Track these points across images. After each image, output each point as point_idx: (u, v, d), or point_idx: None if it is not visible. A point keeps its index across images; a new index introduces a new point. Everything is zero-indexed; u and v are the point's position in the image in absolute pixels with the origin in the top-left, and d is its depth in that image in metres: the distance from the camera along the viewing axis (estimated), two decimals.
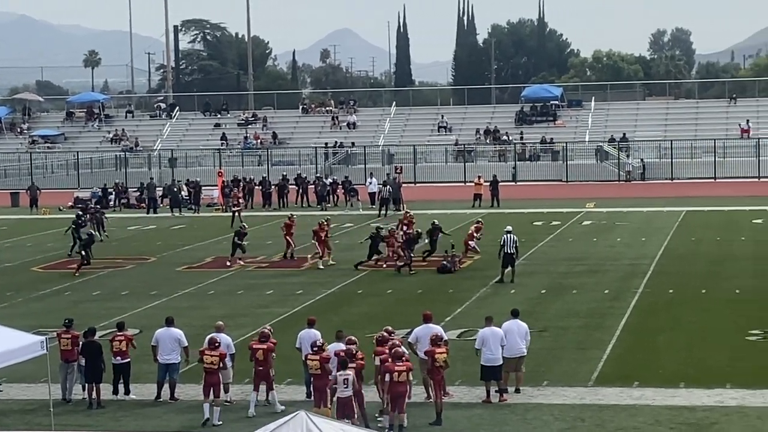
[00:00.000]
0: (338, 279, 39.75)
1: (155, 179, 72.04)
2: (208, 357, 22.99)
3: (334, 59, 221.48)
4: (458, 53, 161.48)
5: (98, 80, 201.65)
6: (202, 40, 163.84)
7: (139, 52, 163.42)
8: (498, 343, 23.74)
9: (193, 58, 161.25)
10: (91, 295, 37.76)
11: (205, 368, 23.04)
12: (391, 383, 21.49)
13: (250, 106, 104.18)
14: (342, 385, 21.24)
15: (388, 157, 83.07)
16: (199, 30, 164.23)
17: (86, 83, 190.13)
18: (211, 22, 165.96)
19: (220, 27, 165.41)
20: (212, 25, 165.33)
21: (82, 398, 24.40)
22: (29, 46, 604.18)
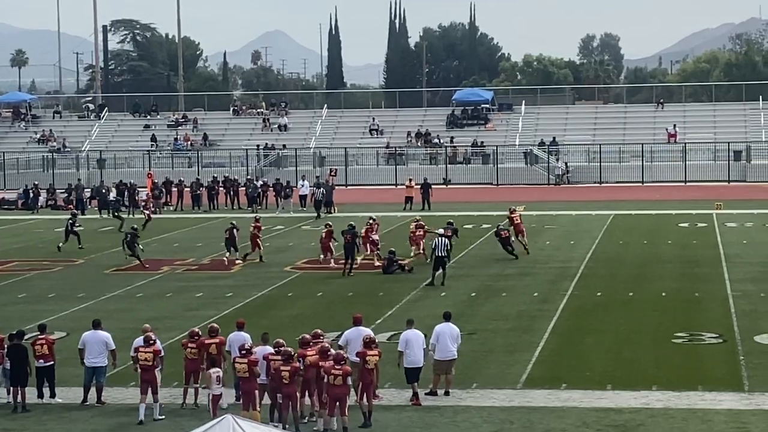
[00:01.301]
0: (268, 281, 39.62)
1: (83, 180, 71.40)
2: (142, 354, 23.08)
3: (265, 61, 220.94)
4: (390, 56, 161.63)
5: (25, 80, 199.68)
6: (131, 40, 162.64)
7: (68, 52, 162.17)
8: (420, 346, 23.88)
9: (123, 58, 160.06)
10: (16, 298, 37.34)
11: (140, 366, 23.05)
12: (329, 386, 21.52)
13: (181, 107, 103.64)
14: (215, 383, 22.03)
15: (319, 160, 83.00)
16: (128, 30, 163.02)
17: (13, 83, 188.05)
18: (141, 23, 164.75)
19: (150, 27, 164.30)
20: (142, 25, 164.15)
21: (7, 402, 24.10)
22: None
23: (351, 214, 53.15)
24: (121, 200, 64.94)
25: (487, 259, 43.87)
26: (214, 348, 23.69)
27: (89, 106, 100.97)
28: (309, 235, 51.94)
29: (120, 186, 66.41)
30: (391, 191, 71.97)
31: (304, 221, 57.28)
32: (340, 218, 56.57)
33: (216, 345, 23.79)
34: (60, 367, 24.87)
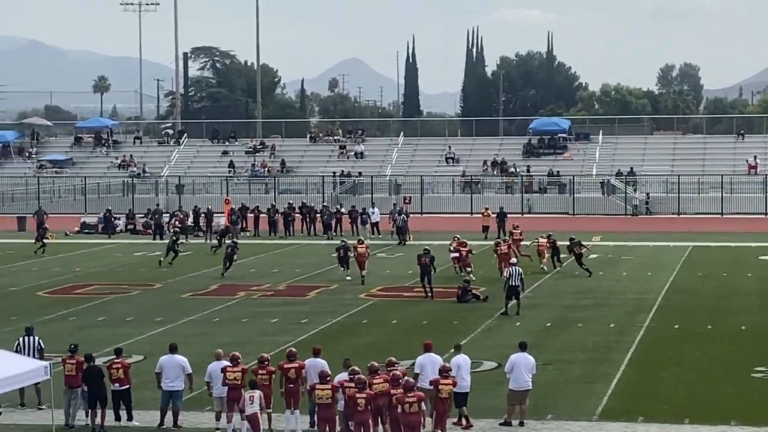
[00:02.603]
0: (344, 308, 39.73)
1: (162, 206, 72.06)
2: (231, 373, 23.56)
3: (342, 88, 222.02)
4: (467, 84, 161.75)
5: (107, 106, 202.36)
6: (211, 67, 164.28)
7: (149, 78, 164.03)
8: (468, 371, 24.37)
9: (202, 85, 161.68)
10: (96, 321, 37.75)
11: (228, 384, 23.44)
12: (403, 413, 21.52)
13: (258, 134, 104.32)
14: (248, 401, 22.45)
15: (395, 187, 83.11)
16: (208, 57, 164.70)
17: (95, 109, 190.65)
18: (220, 50, 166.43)
19: (229, 55, 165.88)
20: (222, 52, 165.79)
21: (85, 424, 24.37)
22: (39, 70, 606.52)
23: (425, 242, 53.12)
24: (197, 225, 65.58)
25: (563, 290, 43.66)
26: (293, 372, 23.84)
27: (169, 132, 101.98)
28: (384, 263, 51.98)
29: (197, 211, 66.99)
30: (466, 220, 71.85)
31: (378, 249, 57.34)
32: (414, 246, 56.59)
33: (295, 369, 23.96)
34: (137, 390, 25.09)
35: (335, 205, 71.76)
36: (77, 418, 24.52)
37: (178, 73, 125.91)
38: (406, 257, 54.49)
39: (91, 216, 71.86)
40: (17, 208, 79.55)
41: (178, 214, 64.15)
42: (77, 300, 42.20)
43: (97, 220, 69.75)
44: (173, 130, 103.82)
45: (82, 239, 65.28)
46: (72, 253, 58.14)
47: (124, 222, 69.57)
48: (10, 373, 21.87)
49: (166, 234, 64.78)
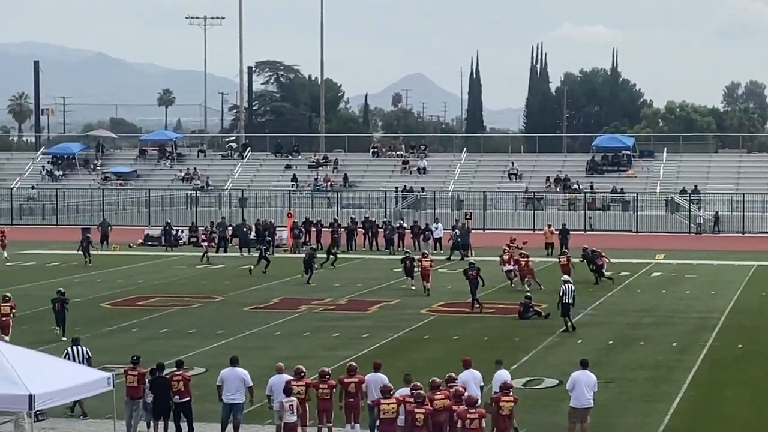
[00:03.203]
0: (404, 323, 39.72)
1: (225, 219, 72.44)
2: (296, 387, 23.68)
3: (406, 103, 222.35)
4: (530, 101, 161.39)
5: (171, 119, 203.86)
6: (275, 81, 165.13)
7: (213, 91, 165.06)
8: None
9: (266, 99, 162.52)
10: (158, 333, 38.00)
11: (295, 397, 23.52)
12: (465, 430, 21.47)
13: (322, 148, 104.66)
14: (288, 411, 22.73)
15: (457, 203, 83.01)
16: (272, 71, 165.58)
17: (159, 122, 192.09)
18: (284, 64, 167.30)
19: (293, 69, 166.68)
20: (286, 66, 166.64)
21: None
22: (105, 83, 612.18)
23: (488, 258, 53.03)
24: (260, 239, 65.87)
25: (626, 307, 43.38)
26: (354, 386, 23.85)
27: (233, 146, 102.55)
28: (446, 278, 51.90)
29: (259, 225, 67.30)
30: (529, 236, 71.54)
31: (440, 264, 57.26)
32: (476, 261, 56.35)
33: (355, 384, 23.99)
34: (198, 402, 25.21)
35: (397, 220, 71.80)
36: (138, 429, 24.68)
37: (242, 86, 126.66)
38: None
39: (155, 228, 72.37)
40: (82, 219, 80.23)
41: (207, 228, 64.35)
42: (140, 312, 42.51)
43: (160, 232, 70.24)
44: (237, 143, 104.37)
45: (146, 251, 65.77)
46: (135, 265, 58.58)
47: (187, 235, 69.99)
48: (74, 384, 22.07)
49: (229, 247, 65.21)
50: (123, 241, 67.17)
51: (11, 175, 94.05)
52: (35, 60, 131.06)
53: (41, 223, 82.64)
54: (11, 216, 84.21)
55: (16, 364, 21.44)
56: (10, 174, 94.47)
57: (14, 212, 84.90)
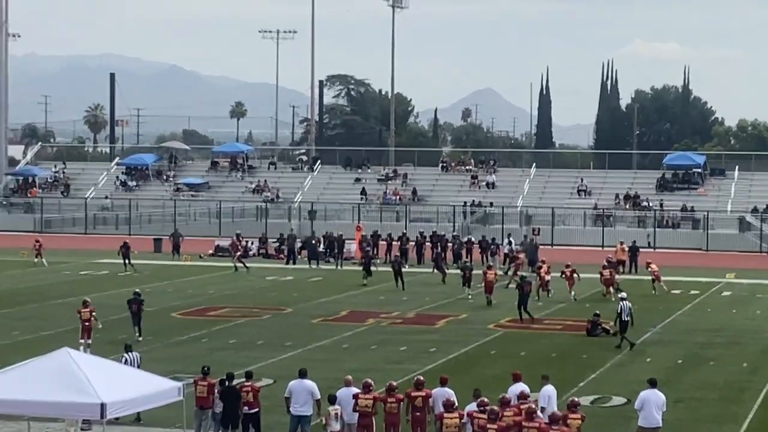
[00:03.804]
0: (472, 338, 39.74)
1: (294, 231, 72.84)
2: (362, 400, 23.75)
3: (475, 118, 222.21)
4: (600, 117, 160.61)
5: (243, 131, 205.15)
6: (346, 95, 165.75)
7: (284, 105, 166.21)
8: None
9: (337, 112, 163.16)
10: (227, 343, 38.30)
11: (360, 411, 23.64)
12: None
13: (391, 162, 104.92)
14: (333, 420, 23.29)
15: (526, 219, 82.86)
16: (343, 85, 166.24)
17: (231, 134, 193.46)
18: (355, 78, 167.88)
19: (364, 83, 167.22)
20: (357, 80, 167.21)
21: None
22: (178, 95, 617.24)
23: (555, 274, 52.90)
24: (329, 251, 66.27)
25: (696, 327, 43.10)
26: (420, 401, 23.93)
27: (303, 158, 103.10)
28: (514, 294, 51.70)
29: (327, 237, 67.64)
30: (597, 253, 71.23)
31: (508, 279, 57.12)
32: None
33: (423, 398, 24.05)
34: (266, 414, 25.40)
35: (466, 234, 71.80)
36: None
37: (313, 100, 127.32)
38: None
39: (225, 239, 72.87)
40: (154, 229, 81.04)
41: (236, 240, 65.10)
42: (210, 322, 42.89)
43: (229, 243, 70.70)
44: (307, 156, 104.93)
45: (216, 262, 66.30)
46: (205, 276, 59.09)
47: (257, 246, 70.47)
48: (145, 393, 22.37)
49: (297, 259, 65.58)
50: (194, 252, 67.75)
51: (86, 185, 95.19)
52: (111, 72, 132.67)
53: (114, 233, 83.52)
54: (85, 225, 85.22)
55: (88, 372, 21.76)
56: (85, 184, 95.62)
57: (88, 222, 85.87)
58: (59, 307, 46.49)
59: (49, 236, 78.38)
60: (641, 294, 51.13)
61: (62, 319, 42.77)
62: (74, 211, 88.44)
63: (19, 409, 22.33)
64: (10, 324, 41.72)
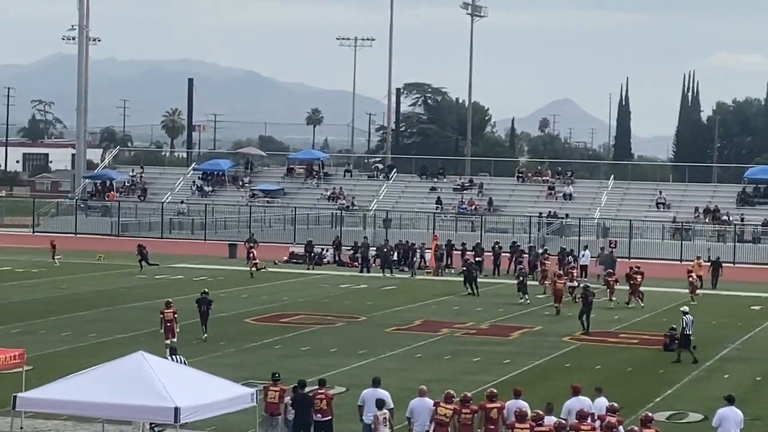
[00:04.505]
0: (546, 351, 39.45)
1: (369, 239, 72.78)
2: (442, 409, 23.68)
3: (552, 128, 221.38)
4: (680, 129, 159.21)
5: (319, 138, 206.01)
6: (422, 103, 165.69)
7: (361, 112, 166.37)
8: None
9: (413, 120, 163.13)
10: (300, 350, 38.31)
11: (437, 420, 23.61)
12: None
13: (467, 171, 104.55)
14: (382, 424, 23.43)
15: (603, 231, 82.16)
16: (420, 93, 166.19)
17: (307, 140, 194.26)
18: (432, 87, 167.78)
19: (441, 92, 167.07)
20: (434, 89, 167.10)
21: None
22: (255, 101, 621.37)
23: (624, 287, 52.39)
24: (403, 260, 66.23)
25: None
26: (495, 412, 23.76)
27: (378, 167, 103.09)
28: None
29: (401, 246, 67.57)
30: (675, 267, 70.52)
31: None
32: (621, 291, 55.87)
33: (497, 409, 23.92)
34: (339, 422, 25.32)
35: (541, 246, 71.36)
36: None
37: (390, 108, 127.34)
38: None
39: (299, 246, 73.07)
40: (229, 235, 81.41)
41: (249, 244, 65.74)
42: (283, 329, 42.94)
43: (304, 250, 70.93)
44: (383, 164, 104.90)
45: (290, 269, 66.45)
46: (280, 282, 59.24)
47: (332, 254, 70.54)
48: (219, 398, 22.40)
49: (371, 268, 65.55)
50: (268, 258, 67.96)
51: (162, 190, 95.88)
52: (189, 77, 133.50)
53: (190, 238, 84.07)
54: (161, 230, 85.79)
55: (162, 376, 21.85)
56: (161, 188, 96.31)
57: (164, 226, 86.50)
58: (135, 310, 46.85)
59: (125, 240, 79.12)
60: (720, 309, 50.51)
61: (138, 322, 43.13)
62: (150, 216, 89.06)
63: (93, 411, 22.49)
64: (86, 326, 42.06)
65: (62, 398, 22.09)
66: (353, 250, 70.04)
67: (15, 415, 22.86)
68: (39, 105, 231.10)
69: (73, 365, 30.03)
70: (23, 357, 26.30)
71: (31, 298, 50.52)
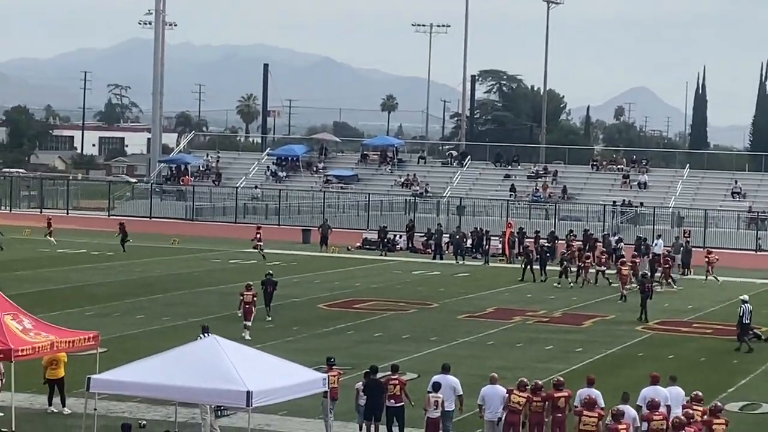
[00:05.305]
0: (619, 339, 39.22)
1: (443, 226, 72.67)
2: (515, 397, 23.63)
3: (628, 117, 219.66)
4: (758, 118, 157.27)
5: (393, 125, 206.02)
6: (497, 90, 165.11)
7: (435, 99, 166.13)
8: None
9: (488, 108, 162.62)
10: (373, 336, 38.39)
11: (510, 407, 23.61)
12: None
13: (541, 159, 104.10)
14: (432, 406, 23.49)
15: (677, 220, 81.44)
16: (495, 81, 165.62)
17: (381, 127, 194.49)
18: (507, 74, 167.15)
19: (516, 79, 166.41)
20: (509, 76, 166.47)
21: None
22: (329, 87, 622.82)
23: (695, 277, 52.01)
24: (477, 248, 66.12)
25: None
26: (563, 401, 23.67)
27: (452, 153, 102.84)
28: (663, 296, 50.99)
29: (475, 233, 67.45)
30: (751, 257, 69.84)
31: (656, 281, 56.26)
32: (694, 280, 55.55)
33: (564, 398, 23.82)
34: (409, 408, 25.32)
35: (614, 234, 70.85)
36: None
37: (464, 95, 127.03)
38: (686, 291, 53.48)
39: (373, 232, 73.17)
40: (302, 220, 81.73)
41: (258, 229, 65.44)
42: (356, 314, 43.04)
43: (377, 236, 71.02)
44: (457, 151, 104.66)
45: (363, 255, 66.57)
46: (353, 268, 59.38)
47: (405, 240, 70.56)
48: (290, 383, 22.49)
49: (444, 254, 65.51)
50: (341, 244, 68.13)
51: (237, 175, 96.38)
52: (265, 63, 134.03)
53: (263, 223, 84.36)
54: (235, 214, 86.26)
55: (235, 360, 21.96)
56: (235, 173, 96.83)
57: (238, 211, 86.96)
58: (209, 294, 47.22)
59: (199, 224, 79.74)
60: None
61: (212, 306, 43.47)
62: (224, 200, 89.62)
63: (166, 393, 22.68)
64: (160, 310, 42.46)
65: (135, 380, 22.29)
66: (426, 236, 70.00)
67: (89, 396, 23.10)
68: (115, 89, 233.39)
69: (146, 348, 30.39)
70: (97, 339, 26.57)
71: (105, 281, 51.07)
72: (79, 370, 25.70)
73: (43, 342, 25.06)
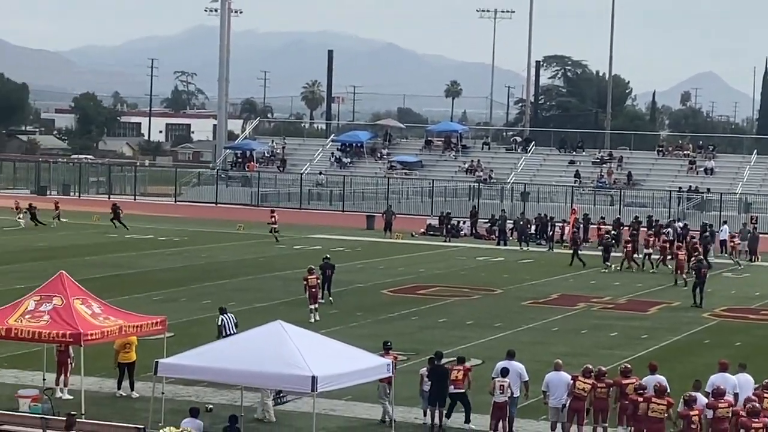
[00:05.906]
0: (685, 326, 38.99)
1: (507, 212, 72.55)
2: (580, 383, 23.71)
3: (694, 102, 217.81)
4: None
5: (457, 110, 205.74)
6: (562, 76, 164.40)
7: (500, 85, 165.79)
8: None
9: (552, 93, 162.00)
10: (437, 322, 38.44)
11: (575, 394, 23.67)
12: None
13: (606, 145, 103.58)
14: (498, 390, 23.61)
15: (744, 206, 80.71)
16: (560, 66, 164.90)
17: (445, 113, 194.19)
18: (572, 59, 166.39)
19: (581, 64, 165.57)
20: (574, 62, 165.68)
21: (423, 423, 24.92)
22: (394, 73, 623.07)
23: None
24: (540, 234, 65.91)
25: None
26: (631, 388, 23.63)
27: (517, 139, 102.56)
28: (730, 283, 50.65)
29: (539, 219, 67.26)
30: None
31: (725, 268, 55.89)
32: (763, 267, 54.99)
33: (632, 385, 23.78)
34: (474, 394, 25.37)
35: (682, 220, 70.35)
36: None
37: (529, 80, 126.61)
38: (753, 278, 53.02)
39: (436, 218, 73.14)
40: (366, 206, 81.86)
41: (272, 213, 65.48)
42: (419, 300, 43.10)
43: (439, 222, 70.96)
44: (521, 137, 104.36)
45: (427, 241, 66.61)
46: (416, 254, 59.39)
47: (468, 226, 70.50)
48: (355, 368, 22.60)
49: (508, 240, 65.35)
50: (405, 230, 68.19)
51: (301, 161, 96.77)
52: (329, 49, 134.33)
53: (328, 209, 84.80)
54: (300, 200, 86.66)
55: (300, 345, 22.10)
56: (300, 159, 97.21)
57: (303, 197, 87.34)
58: (274, 279, 47.47)
59: (264, 210, 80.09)
60: None
61: (277, 291, 43.74)
62: (289, 186, 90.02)
63: (231, 378, 22.87)
64: (226, 294, 42.73)
65: (201, 365, 22.50)
66: (490, 222, 69.88)
67: (156, 380, 23.36)
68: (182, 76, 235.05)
69: (212, 332, 30.63)
70: (165, 324, 26.85)
71: (172, 266, 51.51)
72: (146, 354, 25.99)
73: (111, 326, 25.36)
